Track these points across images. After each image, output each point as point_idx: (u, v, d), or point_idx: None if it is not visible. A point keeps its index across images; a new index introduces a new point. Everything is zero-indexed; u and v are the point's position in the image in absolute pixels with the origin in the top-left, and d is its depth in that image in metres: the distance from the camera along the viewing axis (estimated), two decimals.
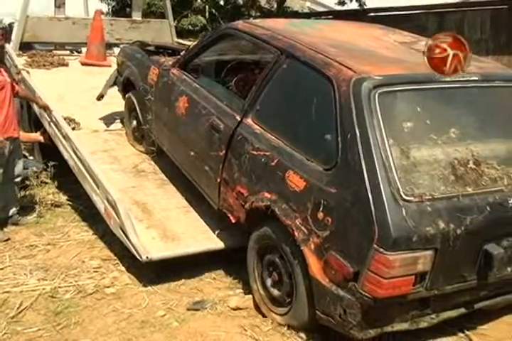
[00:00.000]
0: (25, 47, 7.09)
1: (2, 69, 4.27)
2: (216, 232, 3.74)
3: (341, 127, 2.71)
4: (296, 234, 2.79)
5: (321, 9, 14.88)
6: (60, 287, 3.49)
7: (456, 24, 9.29)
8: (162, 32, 7.53)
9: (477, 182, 2.65)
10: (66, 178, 4.88)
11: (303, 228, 2.76)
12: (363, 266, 2.48)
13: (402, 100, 2.81)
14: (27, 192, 4.88)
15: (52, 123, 4.87)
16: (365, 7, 11.94)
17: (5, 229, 4.29)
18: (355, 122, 2.65)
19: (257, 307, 3.26)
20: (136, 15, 7.94)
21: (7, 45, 6.87)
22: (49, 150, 5.14)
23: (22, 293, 3.41)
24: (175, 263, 3.65)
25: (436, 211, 2.49)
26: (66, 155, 4.63)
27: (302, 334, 2.95)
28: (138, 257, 3.45)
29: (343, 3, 12.68)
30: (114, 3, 13.63)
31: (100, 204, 3.95)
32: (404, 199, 2.47)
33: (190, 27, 11.82)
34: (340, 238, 2.60)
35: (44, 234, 4.28)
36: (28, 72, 5.64)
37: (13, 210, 4.39)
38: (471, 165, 2.68)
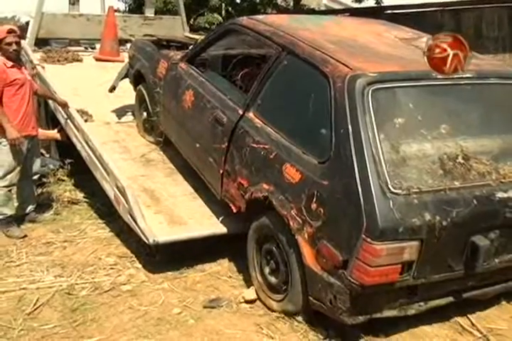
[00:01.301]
0: (41, 43, 7.26)
1: (23, 67, 4.36)
2: (220, 218, 3.86)
3: (335, 122, 2.82)
4: (291, 223, 2.93)
5: (337, 7, 14.77)
6: (76, 284, 3.52)
7: (474, 21, 9.23)
8: (175, 28, 7.65)
9: (465, 176, 2.75)
10: (83, 176, 4.98)
11: (297, 218, 2.89)
12: (351, 254, 2.60)
13: (395, 97, 2.91)
14: (44, 190, 4.96)
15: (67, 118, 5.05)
16: (381, 4, 11.86)
17: (22, 226, 4.36)
18: (348, 118, 2.76)
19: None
20: (149, 12, 8.11)
21: (23, 41, 7.06)
22: (66, 148, 5.25)
23: (38, 290, 3.44)
24: (191, 260, 3.76)
25: (423, 203, 2.60)
26: (79, 146, 4.80)
27: (318, 333, 3.00)
28: (145, 240, 3.57)
29: (359, 1, 12.60)
30: (130, 2, 13.72)
31: (110, 192, 4.10)
32: (392, 192, 2.58)
33: (206, 25, 11.86)
34: (331, 228, 2.72)
35: (61, 231, 4.32)
36: (43, 67, 5.81)
37: (30, 207, 4.47)
38: (459, 160, 2.78)
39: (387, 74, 2.93)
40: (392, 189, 2.58)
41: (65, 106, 4.92)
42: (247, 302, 3.32)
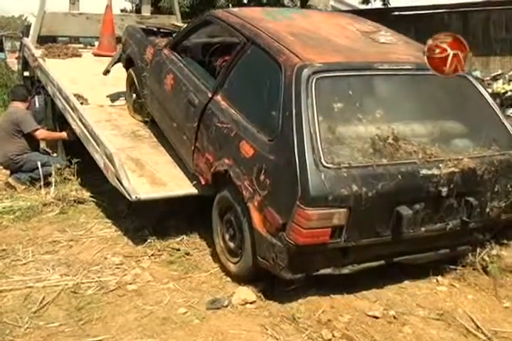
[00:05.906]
0: (43, 41, 7.64)
1: None
2: (194, 182, 4.24)
3: (283, 105, 3.24)
4: (244, 193, 3.35)
5: (344, 8, 14.66)
6: (82, 283, 3.54)
7: (482, 23, 9.27)
8: None
9: (393, 155, 3.16)
10: (89, 175, 5.18)
11: (249, 188, 3.32)
12: (289, 218, 3.03)
13: (336, 85, 3.32)
14: (50, 189, 5.06)
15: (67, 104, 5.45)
16: (388, 6, 11.81)
17: (28, 225, 4.43)
18: (293, 102, 3.18)
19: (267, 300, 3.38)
20: (145, 11, 8.48)
21: (25, 39, 7.52)
22: (72, 148, 5.50)
23: (44, 288, 3.46)
24: (196, 260, 3.93)
25: (351, 177, 3.02)
26: (74, 125, 5.26)
27: (324, 334, 3.05)
28: (128, 197, 3.99)
29: (367, 2, 12.37)
30: (138, 2, 13.99)
31: (100, 161, 4.55)
32: (325, 166, 3.00)
33: None
34: (274, 196, 3.15)
35: (67, 230, 4.37)
36: (44, 60, 6.25)
37: None
38: (389, 140, 3.19)
39: (331, 65, 3.34)
40: (324, 163, 3.00)
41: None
42: (250, 303, 3.36)
